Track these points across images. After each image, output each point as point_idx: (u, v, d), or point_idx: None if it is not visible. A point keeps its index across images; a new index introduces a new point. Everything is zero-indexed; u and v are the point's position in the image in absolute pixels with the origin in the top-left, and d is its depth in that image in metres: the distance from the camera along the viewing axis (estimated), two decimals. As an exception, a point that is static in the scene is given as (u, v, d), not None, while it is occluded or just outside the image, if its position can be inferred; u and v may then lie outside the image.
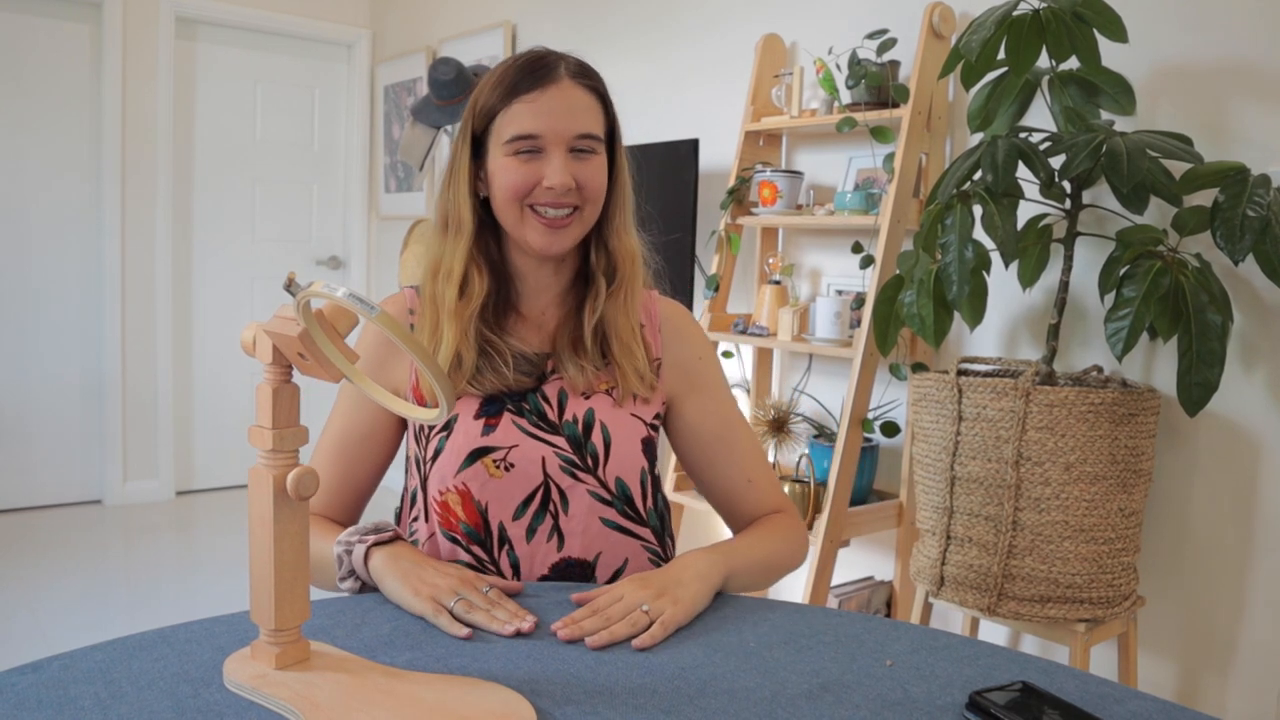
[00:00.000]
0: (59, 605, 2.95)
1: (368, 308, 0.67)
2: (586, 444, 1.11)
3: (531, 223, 1.09)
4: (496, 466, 1.09)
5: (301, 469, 0.74)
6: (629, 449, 1.13)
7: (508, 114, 1.08)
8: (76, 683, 0.74)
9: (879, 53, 2.21)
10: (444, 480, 1.10)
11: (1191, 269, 1.60)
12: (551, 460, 1.10)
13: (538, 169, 1.08)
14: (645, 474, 1.15)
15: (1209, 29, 1.80)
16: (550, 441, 1.10)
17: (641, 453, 1.14)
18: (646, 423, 1.16)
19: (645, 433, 1.15)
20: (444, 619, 0.89)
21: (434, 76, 3.39)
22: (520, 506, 1.09)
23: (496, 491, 1.09)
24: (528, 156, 1.08)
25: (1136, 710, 0.75)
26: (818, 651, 0.86)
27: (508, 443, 1.09)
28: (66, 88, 3.90)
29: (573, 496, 1.10)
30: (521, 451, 1.09)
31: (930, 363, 2.20)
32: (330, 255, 4.60)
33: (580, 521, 1.10)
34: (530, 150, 1.08)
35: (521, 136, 1.07)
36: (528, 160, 1.08)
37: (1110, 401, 1.64)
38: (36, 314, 3.92)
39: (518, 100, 1.08)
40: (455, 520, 1.10)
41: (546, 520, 1.10)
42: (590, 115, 1.10)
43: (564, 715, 0.72)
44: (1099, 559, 1.67)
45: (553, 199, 1.08)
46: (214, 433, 4.33)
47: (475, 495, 1.09)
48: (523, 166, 1.08)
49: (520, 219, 1.10)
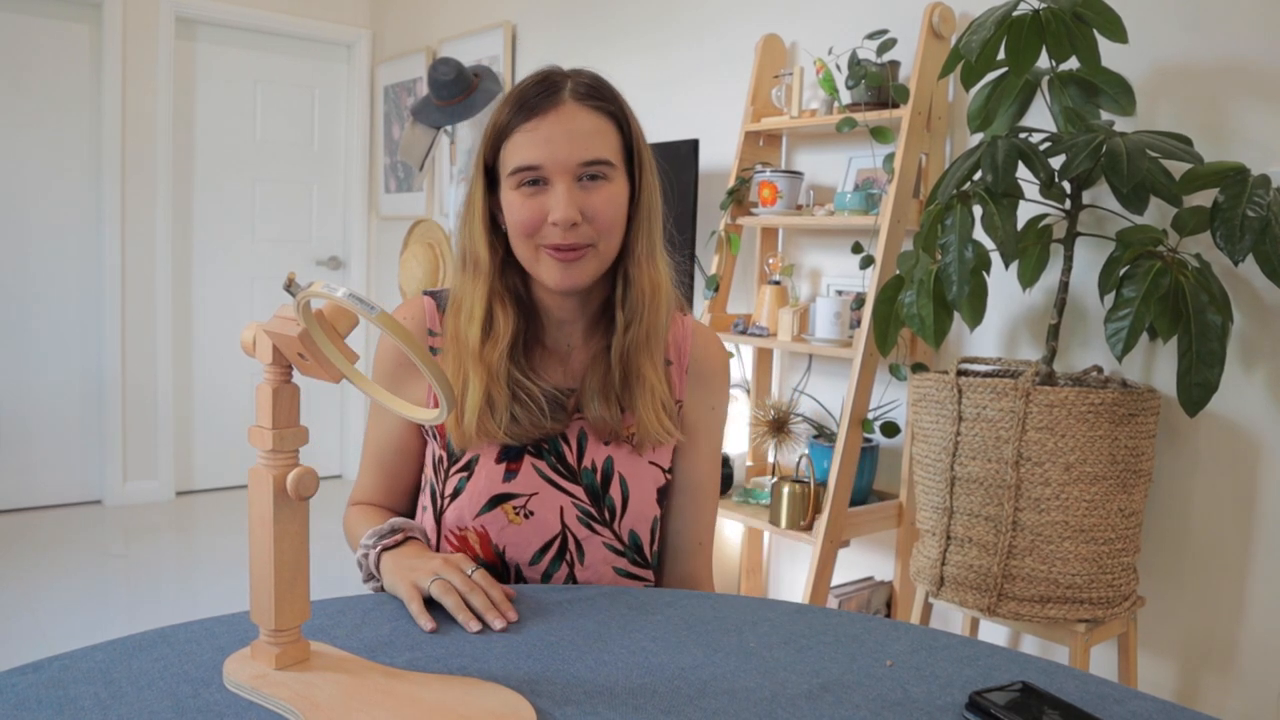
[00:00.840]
0: (59, 605, 2.95)
1: (368, 308, 0.67)
2: (604, 497, 1.09)
3: (545, 259, 1.02)
4: (516, 513, 1.07)
5: (301, 469, 0.74)
6: (644, 501, 1.11)
7: (510, 144, 1.02)
8: (76, 683, 0.74)
9: (879, 53, 2.21)
10: (462, 520, 1.08)
11: (1191, 269, 1.60)
12: (570, 511, 1.08)
13: (544, 202, 1.00)
14: (655, 521, 1.14)
15: (1209, 29, 1.80)
16: (569, 491, 1.08)
17: (655, 502, 1.13)
18: (664, 469, 1.13)
19: (661, 480, 1.13)
20: (415, 606, 0.90)
21: (434, 77, 3.39)
22: (538, 553, 1.09)
23: (515, 537, 1.08)
24: (532, 189, 1.01)
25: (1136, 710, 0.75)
26: (818, 651, 0.86)
27: (528, 490, 1.07)
28: (66, 88, 3.90)
29: (589, 548, 1.09)
30: (541, 500, 1.07)
31: (930, 363, 2.20)
32: (330, 255, 4.60)
33: (595, 571, 1.10)
34: (534, 182, 1.01)
35: (524, 168, 1.01)
36: (533, 194, 1.01)
37: (1110, 402, 1.64)
38: (36, 314, 3.92)
39: (519, 129, 1.01)
40: (473, 557, 1.09)
41: (563, 568, 1.09)
42: (598, 140, 1.01)
43: (564, 715, 0.72)
44: (1099, 559, 1.67)
45: (559, 235, 1.00)
46: (214, 433, 4.33)
47: (494, 539, 1.08)
48: (528, 201, 1.01)
49: (534, 256, 1.03)
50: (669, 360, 1.13)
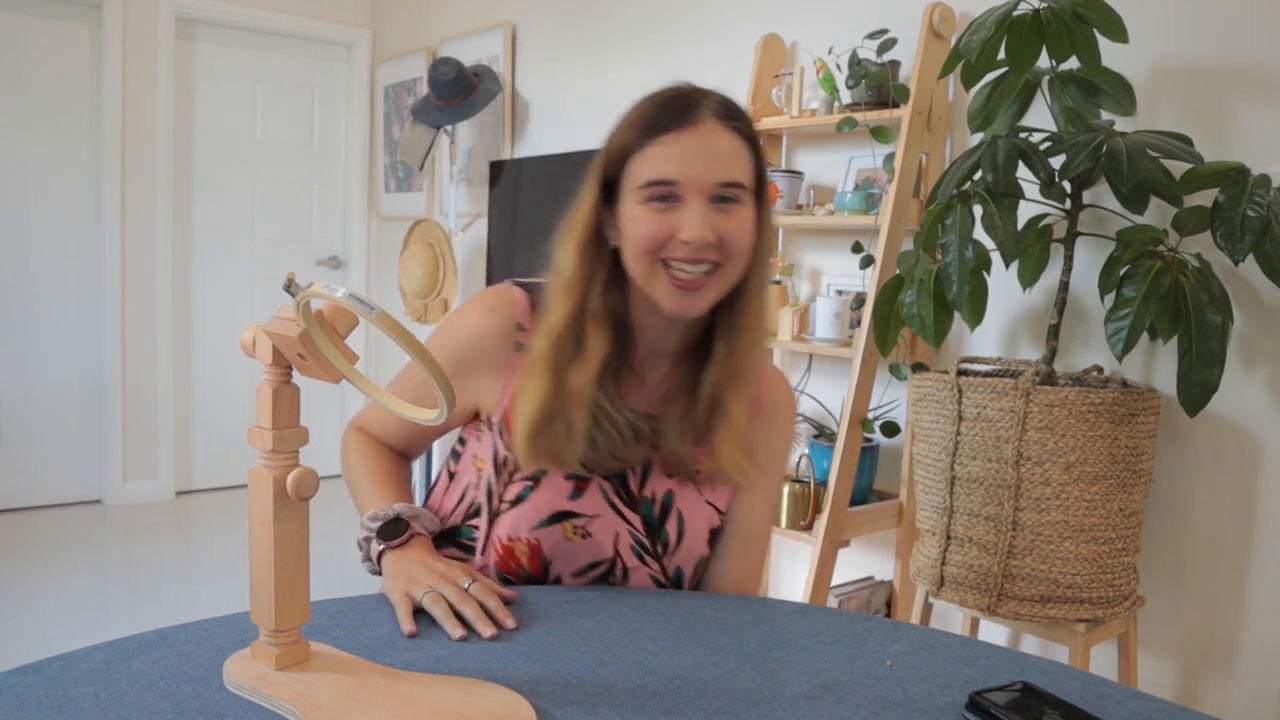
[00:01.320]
0: (59, 605, 2.95)
1: (368, 308, 0.67)
2: (660, 530, 1.07)
3: (663, 281, 0.97)
4: (575, 532, 1.06)
5: (301, 469, 0.74)
6: (697, 539, 1.10)
7: (642, 156, 0.97)
8: (76, 683, 0.74)
9: (879, 53, 2.21)
10: (518, 530, 1.06)
11: (1191, 269, 1.60)
12: (624, 539, 1.07)
13: (674, 220, 0.96)
14: (702, 561, 1.13)
15: (1209, 29, 1.80)
16: (627, 519, 1.06)
17: (707, 543, 1.11)
18: (719, 510, 1.12)
19: (716, 521, 1.12)
20: (402, 610, 0.90)
21: (434, 77, 3.39)
22: (584, 569, 1.08)
23: (566, 553, 1.07)
24: (663, 205, 0.97)
25: (1136, 710, 0.75)
26: (818, 651, 0.86)
27: (591, 511, 1.05)
28: (66, 88, 3.90)
29: (634, 578, 1.08)
30: (601, 523, 1.06)
31: (930, 363, 2.20)
32: (330, 255, 4.60)
33: None
34: (666, 198, 0.96)
35: (656, 182, 0.96)
36: (663, 210, 0.96)
37: (1110, 401, 1.64)
38: (36, 314, 3.92)
39: (654, 141, 0.97)
40: (516, 566, 1.08)
41: None
42: (736, 161, 0.98)
43: (564, 715, 0.72)
44: (1099, 559, 1.67)
45: (689, 254, 0.96)
46: (214, 433, 4.33)
47: (545, 552, 1.06)
48: (657, 217, 0.96)
49: (650, 275, 0.98)
50: None
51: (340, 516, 4.14)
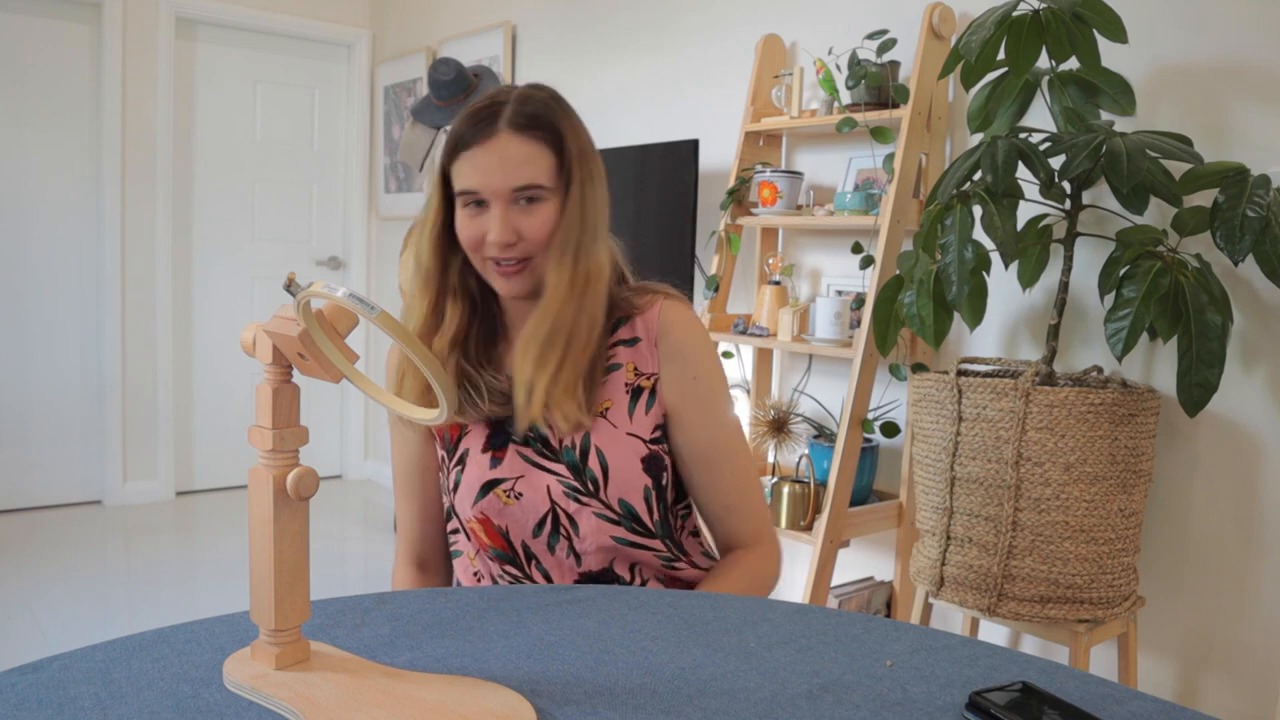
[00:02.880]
0: (59, 605, 2.95)
1: (368, 308, 0.67)
2: (585, 470, 1.14)
3: (490, 270, 1.13)
4: (507, 495, 1.15)
5: (301, 469, 0.74)
6: (629, 471, 1.14)
7: (455, 167, 1.11)
8: (76, 683, 0.74)
9: (879, 53, 2.21)
10: (465, 510, 1.17)
11: (1191, 269, 1.60)
12: (555, 488, 1.14)
13: (484, 223, 1.10)
14: (649, 491, 1.15)
15: (1209, 29, 1.80)
16: (553, 470, 1.14)
17: (643, 471, 1.15)
18: (645, 440, 1.16)
19: (645, 450, 1.15)
20: None
21: (434, 77, 3.39)
22: (536, 527, 1.15)
23: (512, 517, 1.15)
24: (474, 210, 1.11)
25: (1136, 710, 0.75)
26: (818, 651, 0.86)
27: (514, 474, 1.15)
28: (66, 88, 3.91)
29: (580, 519, 1.14)
30: (528, 481, 1.14)
31: (930, 363, 2.20)
32: (330, 255, 4.60)
33: (592, 541, 1.14)
34: (479, 202, 1.10)
35: (465, 192, 1.10)
36: (475, 214, 1.11)
37: (1110, 402, 1.64)
38: (36, 314, 3.92)
39: (460, 156, 1.11)
40: (484, 544, 1.18)
41: (562, 540, 1.15)
42: (531, 167, 1.09)
43: (564, 715, 0.72)
44: (1099, 559, 1.67)
45: (496, 252, 1.10)
46: (214, 433, 4.34)
47: (495, 521, 1.16)
48: (472, 221, 1.11)
49: (483, 267, 1.13)
50: (638, 337, 1.17)
51: (340, 516, 4.14)
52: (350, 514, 4.18)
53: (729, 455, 1.20)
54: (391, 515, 4.09)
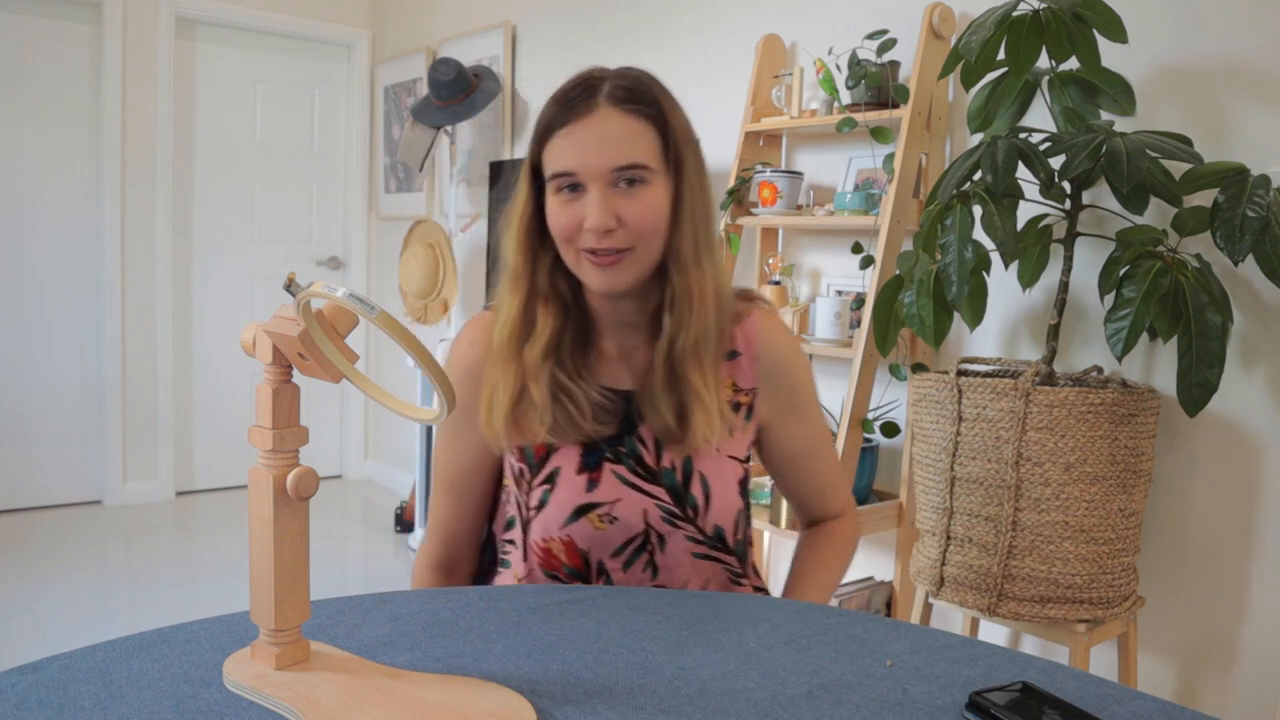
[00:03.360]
0: (59, 605, 2.95)
1: (368, 308, 0.67)
2: (686, 496, 1.09)
3: (585, 264, 1.02)
4: (601, 520, 1.09)
5: (301, 469, 0.74)
6: (727, 497, 1.11)
7: (549, 149, 1.02)
8: (76, 683, 0.74)
9: (879, 53, 2.21)
10: (548, 530, 1.10)
11: (1191, 269, 1.60)
12: (653, 512, 1.09)
13: (580, 208, 1.00)
14: (740, 513, 1.15)
15: (1209, 29, 1.80)
16: (651, 493, 1.09)
17: (738, 495, 1.13)
18: (740, 461, 1.14)
19: (740, 473, 1.14)
20: None
21: (434, 77, 3.39)
22: (620, 548, 1.11)
23: (600, 540, 1.10)
24: (569, 195, 1.01)
25: (1136, 710, 0.75)
26: (818, 651, 0.86)
27: (611, 497, 1.09)
28: (66, 88, 3.91)
29: (670, 540, 1.11)
30: (625, 505, 1.09)
31: (930, 363, 2.20)
32: (330, 255, 4.60)
33: (675, 559, 1.12)
34: (574, 187, 1.01)
35: (559, 174, 1.01)
36: (570, 199, 1.01)
37: (1110, 402, 1.64)
38: (36, 314, 3.92)
39: (555, 134, 1.02)
40: (558, 563, 1.12)
41: (644, 557, 1.11)
42: (634, 143, 1.00)
43: (564, 715, 0.72)
44: (1099, 559, 1.67)
45: (594, 240, 1.00)
46: (214, 433, 4.34)
47: (580, 545, 1.10)
48: (566, 207, 1.01)
49: (576, 260, 1.03)
50: (738, 351, 1.13)
51: (340, 516, 4.14)
52: (350, 514, 4.18)
53: (822, 445, 1.22)
54: (392, 515, 4.09)
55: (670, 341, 1.05)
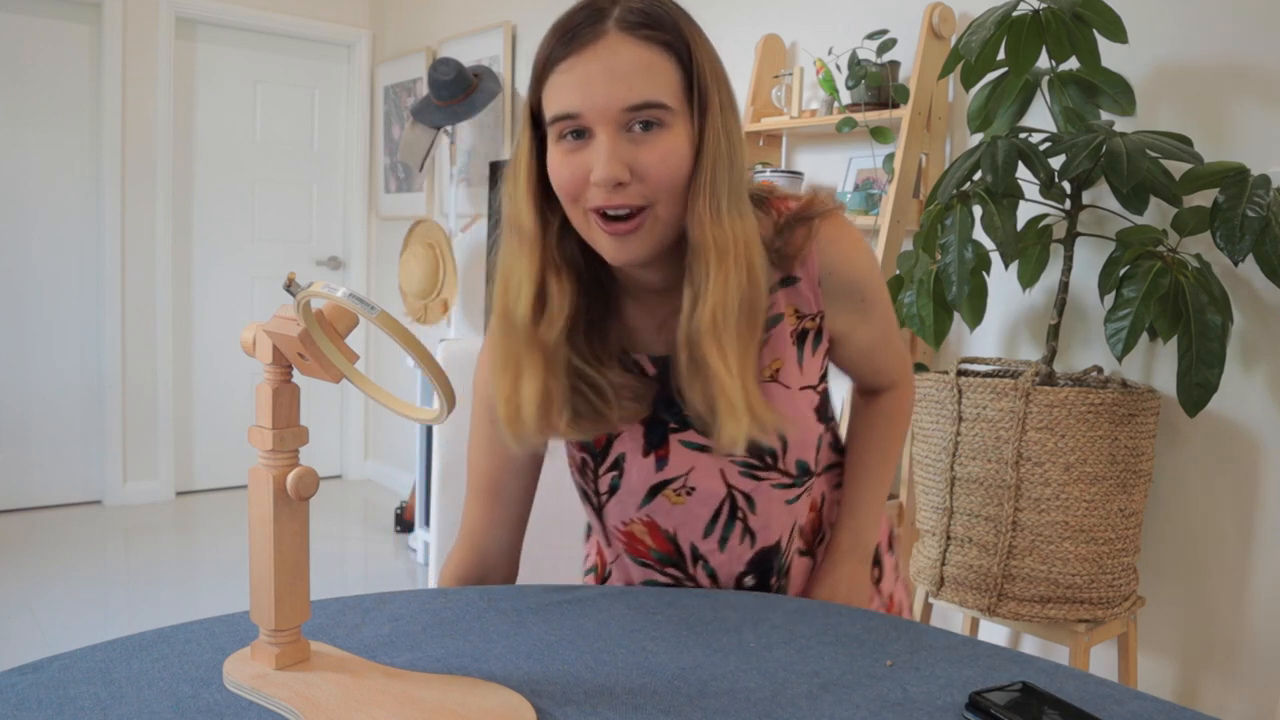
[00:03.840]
0: (59, 605, 2.95)
1: (368, 308, 0.67)
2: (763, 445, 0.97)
3: (596, 229, 0.86)
4: (678, 494, 1.01)
5: (301, 469, 0.74)
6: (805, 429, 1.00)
7: (548, 89, 0.85)
8: (76, 683, 0.74)
9: (879, 53, 2.21)
10: (626, 514, 1.03)
11: (1191, 269, 1.60)
12: (730, 470, 1.00)
13: (586, 159, 0.84)
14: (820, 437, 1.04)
15: (1209, 29, 1.80)
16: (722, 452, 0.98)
17: (816, 422, 1.02)
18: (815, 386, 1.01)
19: (817, 399, 1.02)
20: None
21: (434, 77, 3.39)
22: (709, 524, 1.02)
23: (683, 516, 1.02)
24: (573, 144, 0.85)
25: (1136, 710, 0.75)
26: (818, 651, 0.86)
27: (683, 469, 0.99)
28: (66, 88, 3.91)
29: (757, 496, 1.01)
30: (699, 473, 0.99)
31: (930, 363, 2.20)
32: (330, 255, 4.60)
33: (767, 515, 1.03)
34: (578, 133, 0.84)
35: (560, 117, 0.84)
36: (575, 148, 0.85)
37: (1110, 402, 1.64)
38: (36, 314, 3.92)
39: (555, 70, 0.85)
40: (645, 548, 1.05)
41: (737, 527, 1.03)
42: (649, 78, 0.83)
43: (564, 715, 0.72)
44: (1099, 559, 1.67)
45: (603, 198, 0.84)
46: (214, 433, 4.34)
47: (662, 525, 1.03)
48: (569, 158, 0.85)
49: (584, 223, 0.87)
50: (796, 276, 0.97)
51: (340, 516, 4.14)
52: (350, 514, 4.18)
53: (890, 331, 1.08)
54: (392, 515, 4.09)
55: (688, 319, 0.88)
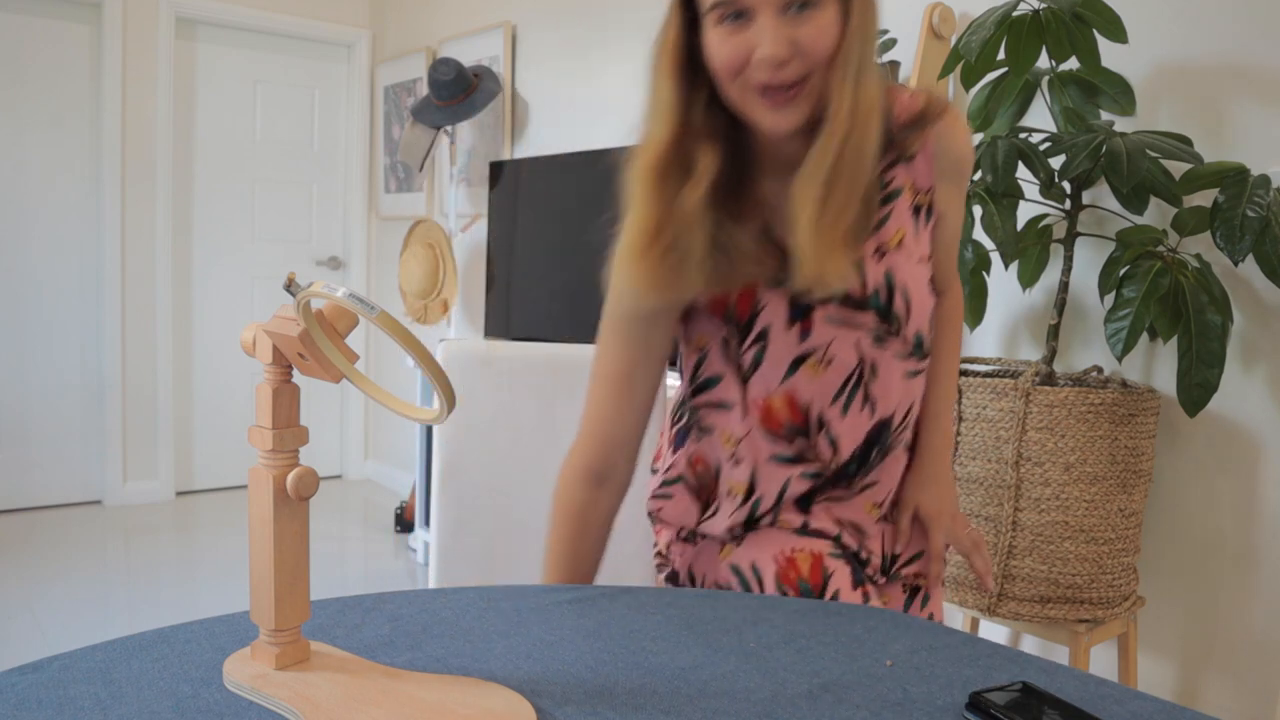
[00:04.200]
0: (59, 605, 2.95)
1: (368, 308, 0.67)
2: (890, 313, 1.05)
3: (754, 101, 0.95)
4: (819, 366, 1.06)
5: (301, 469, 0.74)
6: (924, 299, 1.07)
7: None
8: (76, 683, 0.74)
9: (879, 53, 2.21)
10: (768, 388, 1.07)
11: (1191, 269, 1.60)
12: (864, 340, 1.06)
13: (748, 39, 0.92)
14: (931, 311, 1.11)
15: (1209, 29, 1.80)
16: (860, 323, 1.05)
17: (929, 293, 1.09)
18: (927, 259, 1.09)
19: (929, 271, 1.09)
20: None
21: (434, 77, 3.39)
22: (838, 391, 1.07)
23: (820, 387, 1.07)
24: (734, 25, 0.93)
25: (1136, 710, 0.75)
26: (818, 651, 0.86)
27: (825, 340, 1.05)
28: (66, 88, 3.91)
29: (881, 363, 1.07)
30: (839, 344, 1.05)
31: (930, 363, 2.20)
32: (330, 255, 4.60)
33: (887, 383, 1.08)
34: (738, 15, 0.92)
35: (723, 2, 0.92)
36: (735, 30, 0.93)
37: (1110, 402, 1.64)
38: (36, 314, 3.92)
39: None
40: (779, 420, 1.09)
41: (859, 394, 1.07)
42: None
43: (564, 715, 0.72)
44: (1099, 559, 1.67)
45: (768, 74, 0.92)
46: (214, 433, 4.34)
47: (800, 398, 1.07)
48: (730, 38, 0.93)
49: (742, 99, 0.96)
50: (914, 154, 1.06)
51: (340, 516, 4.14)
52: (350, 514, 4.18)
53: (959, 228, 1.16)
54: (392, 515, 4.09)
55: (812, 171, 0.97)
